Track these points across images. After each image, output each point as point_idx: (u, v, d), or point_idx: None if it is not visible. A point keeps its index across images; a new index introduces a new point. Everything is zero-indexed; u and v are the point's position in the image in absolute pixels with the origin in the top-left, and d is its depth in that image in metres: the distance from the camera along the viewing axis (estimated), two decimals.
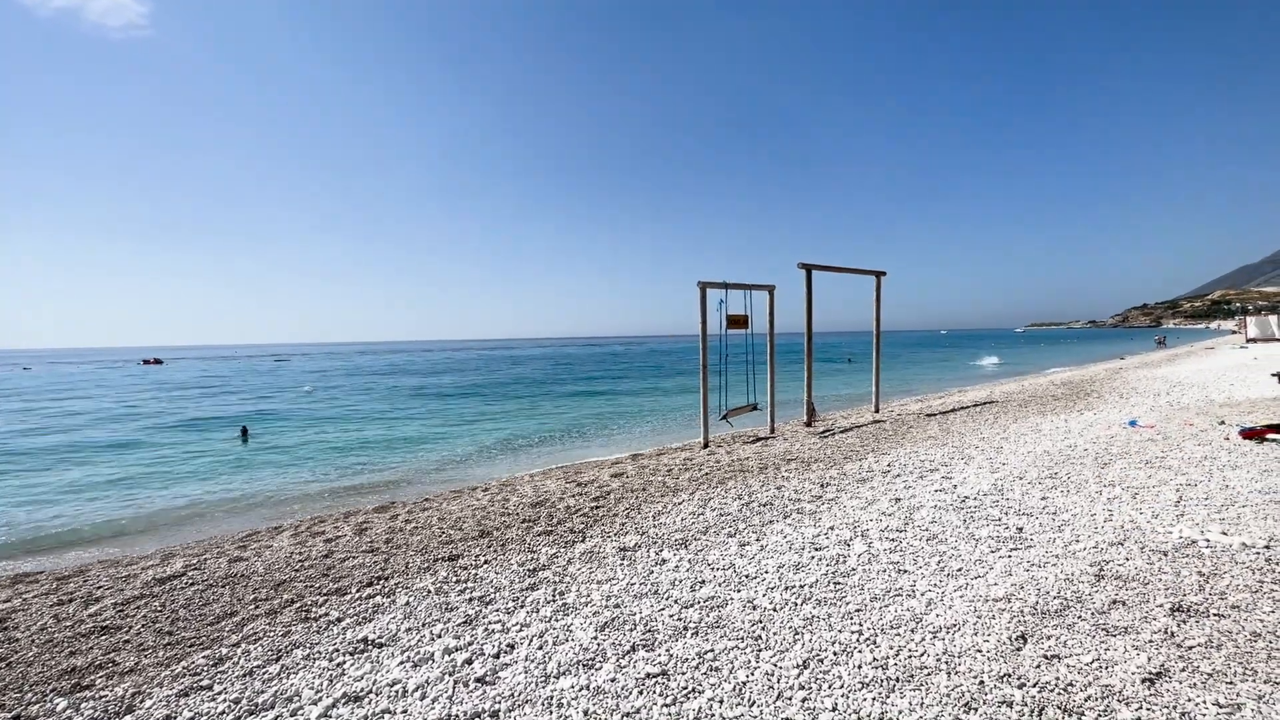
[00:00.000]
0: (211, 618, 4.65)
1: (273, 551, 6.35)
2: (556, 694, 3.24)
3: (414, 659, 3.75)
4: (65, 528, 9.00)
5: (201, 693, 3.54)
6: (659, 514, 6.73)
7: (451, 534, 6.50)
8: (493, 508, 7.60)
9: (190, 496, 10.73)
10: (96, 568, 6.33)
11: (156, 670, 3.86)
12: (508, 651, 3.77)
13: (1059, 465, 7.68)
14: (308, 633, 4.26)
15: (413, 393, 31.56)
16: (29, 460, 14.71)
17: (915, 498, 6.61)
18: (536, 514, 7.10)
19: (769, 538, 5.61)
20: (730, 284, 11.32)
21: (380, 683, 3.49)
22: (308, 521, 7.88)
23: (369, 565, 5.64)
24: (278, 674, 3.70)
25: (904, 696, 3.01)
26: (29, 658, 4.16)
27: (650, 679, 3.32)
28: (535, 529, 6.48)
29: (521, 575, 5.09)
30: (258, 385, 39.69)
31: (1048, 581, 4.21)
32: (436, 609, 4.51)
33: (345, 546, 6.32)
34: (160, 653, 4.11)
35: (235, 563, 6.02)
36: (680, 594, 4.45)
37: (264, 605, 4.82)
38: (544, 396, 27.76)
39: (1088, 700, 2.88)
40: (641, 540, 5.81)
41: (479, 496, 8.50)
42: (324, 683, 3.55)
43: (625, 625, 4.00)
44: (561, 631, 3.99)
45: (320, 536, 6.83)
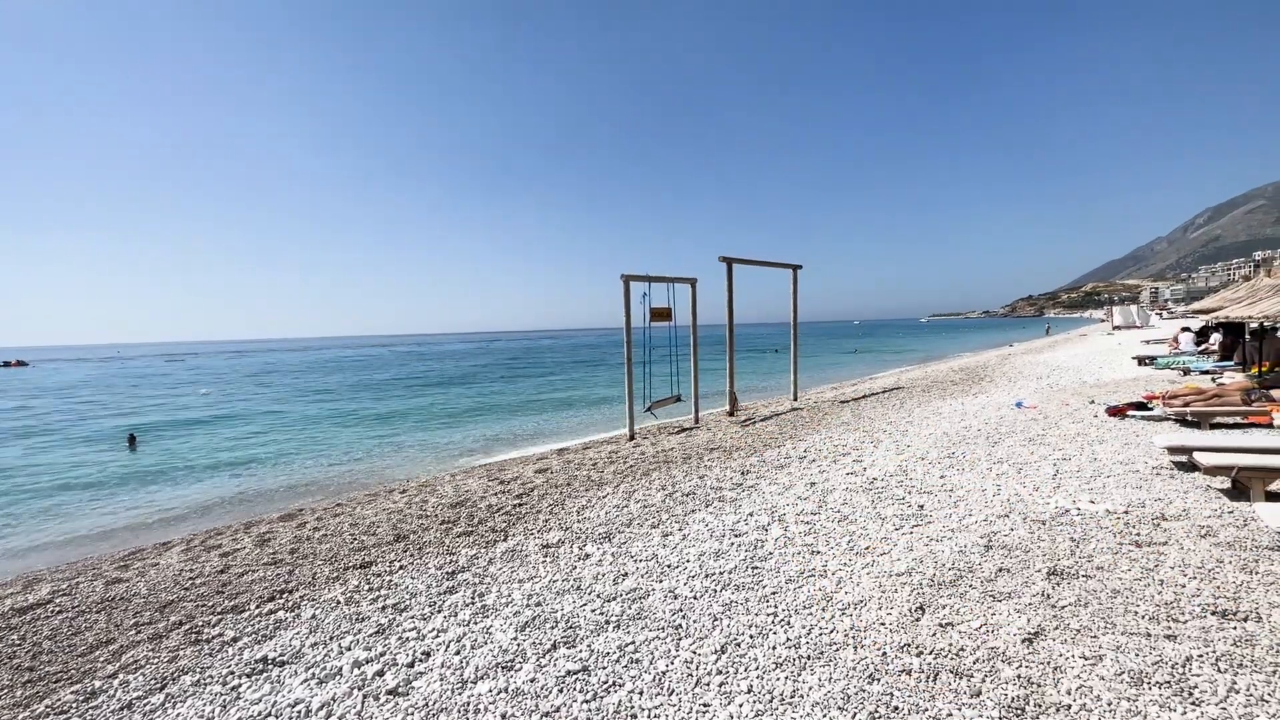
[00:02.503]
0: (83, 648, 4.20)
1: (159, 570, 5.81)
2: (474, 700, 3.15)
3: (319, 675, 3.54)
4: None
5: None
6: (583, 508, 6.70)
7: (364, 540, 6.19)
8: (410, 510, 7.30)
9: (64, 514, 9.64)
10: None
11: (12, 712, 3.43)
12: (423, 660, 3.63)
13: (956, 445, 8.28)
14: (198, 656, 3.92)
15: (323, 393, 29.80)
16: None
17: (829, 481, 6.92)
18: (457, 514, 6.88)
19: (691, 527, 5.71)
20: (653, 277, 11.40)
21: (280, 704, 3.27)
22: (202, 535, 7.26)
23: (271, 579, 5.27)
24: (161, 704, 3.38)
25: (814, 673, 3.14)
26: None
27: (570, 676, 3.29)
28: (455, 530, 6.28)
29: (439, 579, 4.92)
30: (147, 388, 36.19)
31: (944, 554, 4.52)
32: (346, 620, 4.28)
33: (244, 560, 5.87)
34: (18, 692, 3.66)
35: (113, 585, 5.45)
36: (603, 588, 4.44)
37: (146, 630, 4.40)
38: (466, 392, 26.98)
39: (975, 663, 3.11)
40: (565, 536, 5.76)
41: (396, 499, 8.15)
42: (215, 709, 3.28)
43: (546, 623, 3.94)
44: (481, 634, 3.88)
45: (216, 550, 6.32)
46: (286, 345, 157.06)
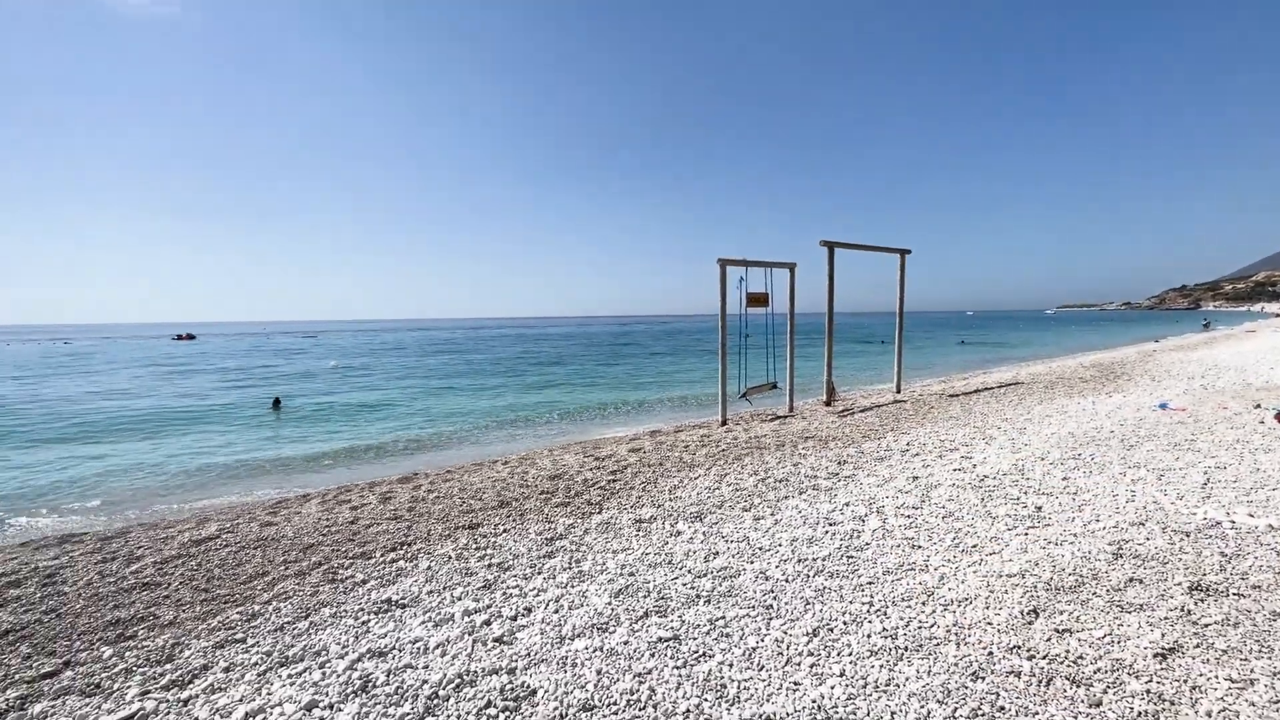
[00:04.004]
0: (244, 577, 4.87)
1: (301, 517, 6.59)
2: (571, 654, 3.35)
3: (435, 619, 3.89)
4: (105, 492, 9.42)
5: (236, 645, 3.74)
6: (675, 488, 6.81)
7: (472, 504, 6.67)
8: (512, 480, 7.76)
9: (224, 464, 11.13)
10: (137, 529, 6.63)
11: (194, 624, 4.07)
12: (525, 614, 3.89)
13: (1083, 446, 7.56)
14: (334, 593, 4.44)
15: (437, 368, 32.06)
16: (73, 429, 15.35)
17: (933, 476, 6.57)
18: (554, 486, 7.23)
19: (784, 513, 5.65)
20: (750, 261, 11.22)
21: (403, 640, 3.64)
22: (334, 490, 8.13)
23: (393, 531, 5.82)
24: (306, 630, 3.87)
25: (911, 665, 3.05)
26: (77, 609, 4.42)
27: (662, 643, 3.41)
28: (553, 500, 6.61)
29: (539, 544, 5.22)
30: (289, 360, 40.65)
31: (1064, 559, 4.19)
32: (457, 573, 4.66)
33: (370, 514, 6.52)
34: (197, 608, 4.33)
35: (266, 527, 6.26)
36: (693, 564, 4.52)
37: (293, 567, 5.03)
38: (565, 374, 27.98)
39: (1097, 672, 2.89)
40: (657, 513, 5.90)
41: (499, 469, 8.67)
42: (350, 639, 3.71)
43: (639, 592, 4.09)
44: (577, 597, 4.10)
45: (346, 504, 7.06)
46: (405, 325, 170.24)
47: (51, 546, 6.10)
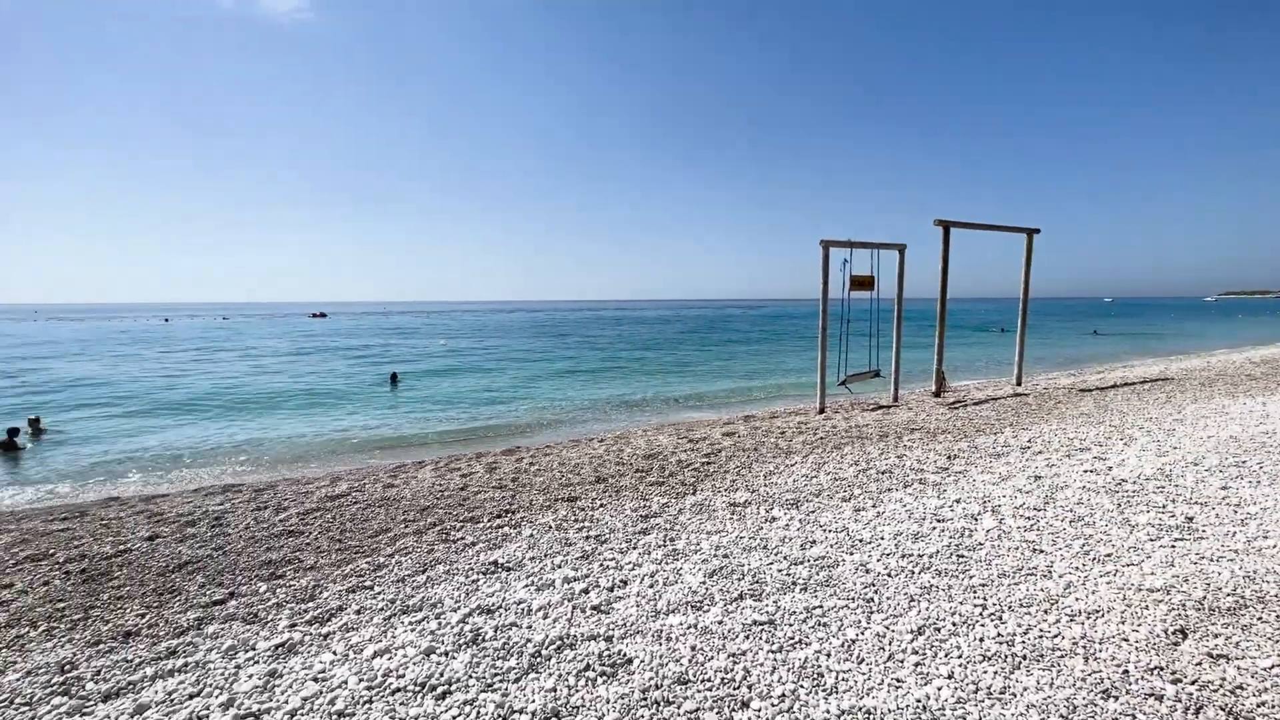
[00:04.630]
0: (370, 531, 5.38)
1: (417, 482, 7.15)
2: (666, 628, 3.42)
3: (537, 584, 4.11)
4: (258, 452, 10.72)
5: (365, 591, 4.15)
6: (770, 474, 6.70)
7: (570, 478, 6.93)
8: (608, 457, 7.97)
9: (351, 432, 12.29)
10: (283, 484, 7.50)
11: (331, 570, 4.56)
12: (621, 586, 4.01)
13: (1249, 453, 6.59)
14: (447, 552, 4.80)
15: (537, 348, 33.42)
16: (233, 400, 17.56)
17: (1060, 477, 6.01)
18: (649, 465, 7.35)
19: (886, 505, 5.41)
20: (856, 242, 10.69)
21: (508, 600, 3.88)
22: (445, 459, 8.75)
23: (498, 500, 6.19)
24: (424, 583, 4.22)
25: (1031, 674, 2.83)
26: (238, 548, 5.08)
27: (757, 626, 3.39)
28: (648, 479, 6.72)
29: (634, 520, 5.34)
30: (404, 338, 44.00)
31: (1221, 577, 3.70)
32: (557, 543, 4.88)
33: (477, 482, 6.96)
34: (333, 555, 4.84)
35: (388, 489, 6.86)
36: (790, 551, 4.45)
37: (411, 526, 5.48)
38: (659, 357, 28.21)
39: (1260, 706, 2.54)
40: (752, 498, 5.84)
41: (595, 446, 8.94)
42: (462, 595, 4.00)
43: (733, 574, 4.08)
44: (671, 574, 4.16)
45: (457, 472, 7.57)
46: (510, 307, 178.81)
47: (218, 494, 7.04)
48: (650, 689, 2.87)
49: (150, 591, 4.30)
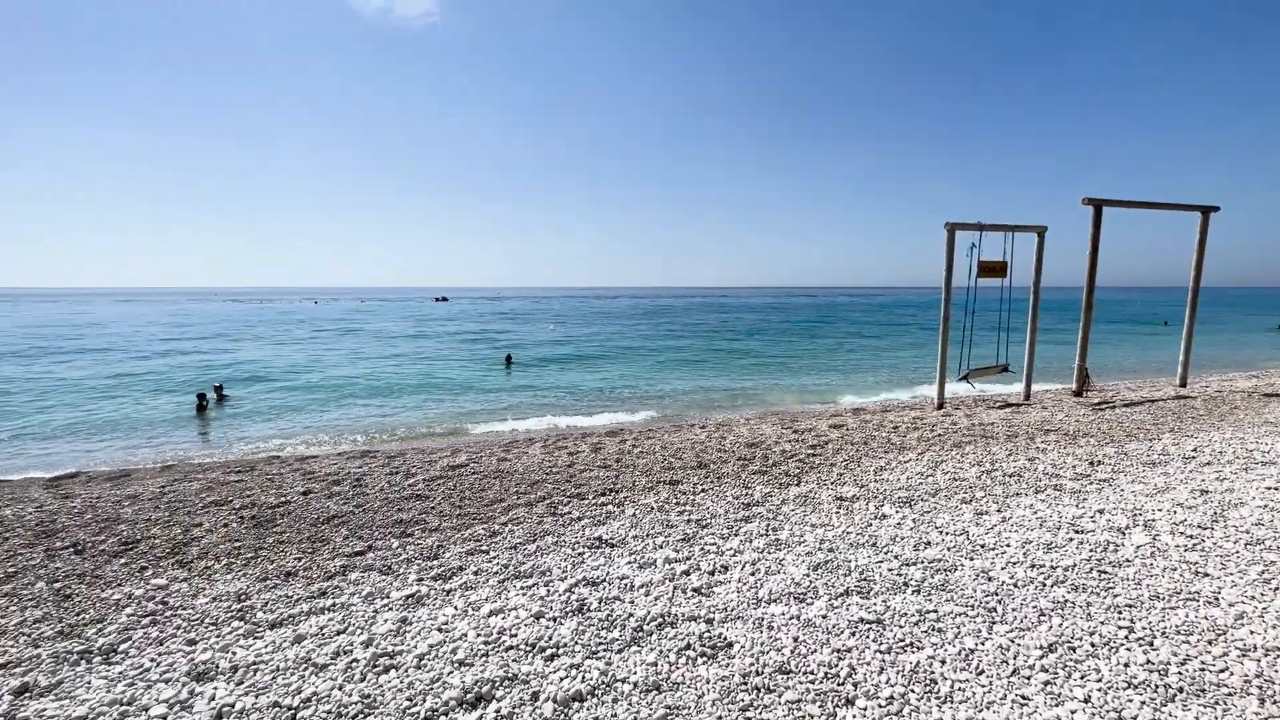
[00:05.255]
0: (486, 500, 5.77)
1: (528, 457, 7.55)
2: (767, 616, 3.39)
3: (639, 562, 4.21)
4: (388, 422, 11.81)
5: (481, 554, 4.47)
6: (881, 470, 6.39)
7: (672, 462, 7.01)
8: (710, 444, 7.96)
9: (470, 408, 13.19)
10: (411, 452, 8.22)
11: (452, 533, 4.95)
12: (722, 572, 4.02)
13: None
14: (555, 524, 5.05)
15: (643, 333, 33.95)
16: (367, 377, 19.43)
17: (1235, 493, 5.21)
18: (752, 454, 7.26)
19: (1014, 511, 4.98)
20: (986, 225, 9.80)
21: (612, 575, 4.02)
22: (554, 437, 9.16)
23: (602, 479, 6.39)
24: (534, 552, 4.47)
25: (1189, 710, 2.51)
26: (375, 507, 5.66)
27: (864, 624, 3.27)
28: (750, 468, 6.65)
29: (736, 507, 5.32)
30: (517, 321, 46.39)
31: None
32: (658, 524, 4.97)
33: (584, 461, 7.23)
34: (453, 519, 5.25)
35: (502, 462, 7.31)
36: (901, 551, 4.23)
37: (523, 498, 5.81)
38: (762, 345, 27.64)
39: None
40: (860, 493, 5.60)
41: (697, 432, 8.96)
42: (568, 566, 4.20)
43: (839, 570, 3.96)
44: (774, 563, 4.11)
45: (564, 450, 7.91)
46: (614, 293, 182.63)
47: (357, 458, 7.85)
48: (751, 674, 2.86)
49: (305, 539, 4.90)
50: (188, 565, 4.44)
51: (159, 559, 4.57)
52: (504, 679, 2.90)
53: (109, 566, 4.45)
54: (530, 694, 2.78)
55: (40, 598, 3.96)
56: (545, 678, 2.90)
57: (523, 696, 2.77)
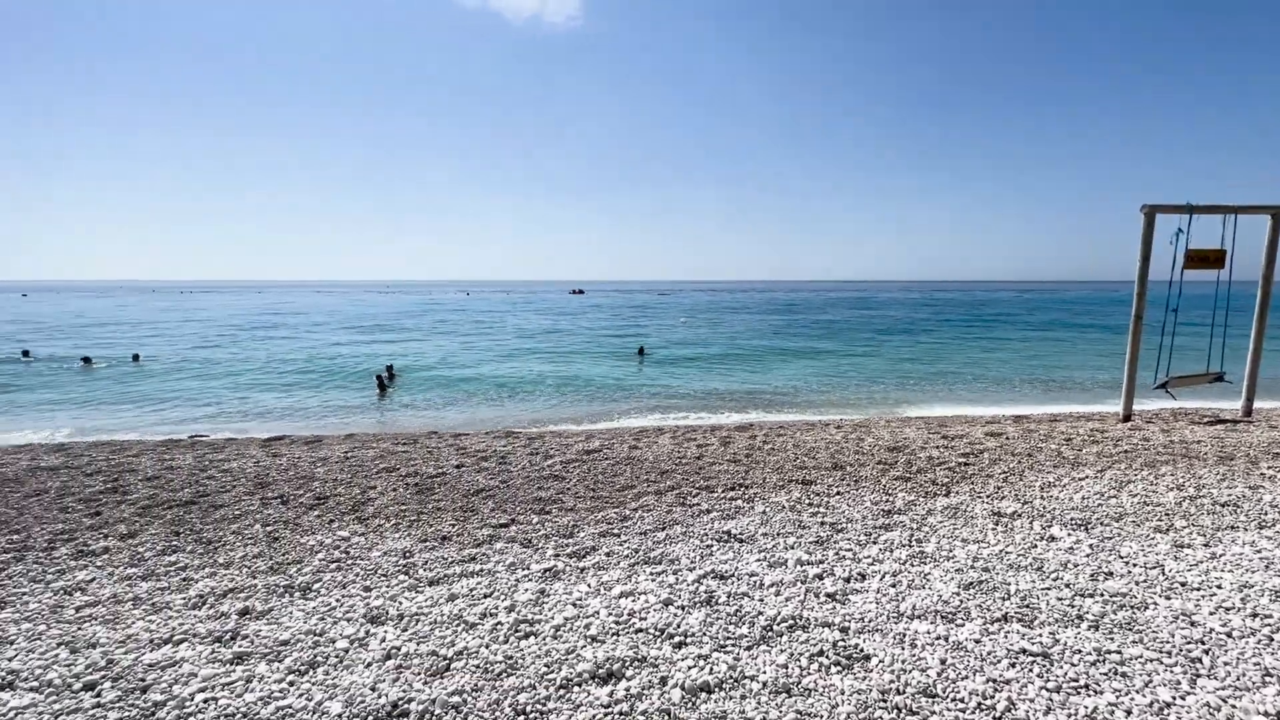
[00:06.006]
0: (618, 486, 5.95)
1: (658, 447, 7.68)
2: (910, 633, 3.15)
3: (769, 560, 4.11)
4: (528, 405, 12.62)
5: (613, 537, 4.62)
6: (1049, 486, 5.66)
7: (805, 461, 6.76)
8: (846, 444, 7.56)
9: (604, 396, 13.71)
10: (549, 435, 8.72)
11: (586, 514, 5.18)
12: (859, 580, 3.80)
13: None
14: (684, 515, 5.08)
15: (776, 328, 33.11)
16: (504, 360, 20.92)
17: None
18: (894, 459, 6.78)
19: (1228, 548, 4.17)
20: (1197, 207, 8.26)
21: (741, 570, 3.96)
22: (683, 429, 9.23)
23: (732, 473, 6.33)
24: (663, 540, 4.54)
25: None
26: (517, 484, 6.08)
27: (1025, 655, 2.92)
28: (891, 473, 6.22)
29: (875, 514, 5.00)
30: (649, 314, 47.39)
31: None
32: (790, 523, 4.82)
33: (712, 454, 7.21)
34: (587, 501, 5.49)
35: (633, 450, 7.50)
36: (1074, 579, 3.72)
37: (653, 486, 5.92)
38: (907, 343, 25.70)
39: None
40: (1022, 510, 5.01)
41: (832, 432, 8.55)
42: (697, 556, 4.21)
43: (995, 592, 3.57)
44: (918, 577, 3.81)
45: (693, 442, 7.94)
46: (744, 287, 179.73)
47: (502, 438, 8.49)
48: (890, 692, 2.68)
49: (458, 508, 5.39)
50: (365, 521, 5.08)
51: (343, 514, 5.27)
52: (634, 659, 2.98)
53: (306, 517, 5.21)
54: (659, 678, 2.83)
55: (257, 538, 4.74)
56: (674, 664, 2.93)
57: (651, 679, 2.82)
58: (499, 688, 2.80)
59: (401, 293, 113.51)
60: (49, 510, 5.40)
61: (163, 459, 7.36)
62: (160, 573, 4.10)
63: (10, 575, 4.08)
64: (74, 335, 29.59)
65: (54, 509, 5.43)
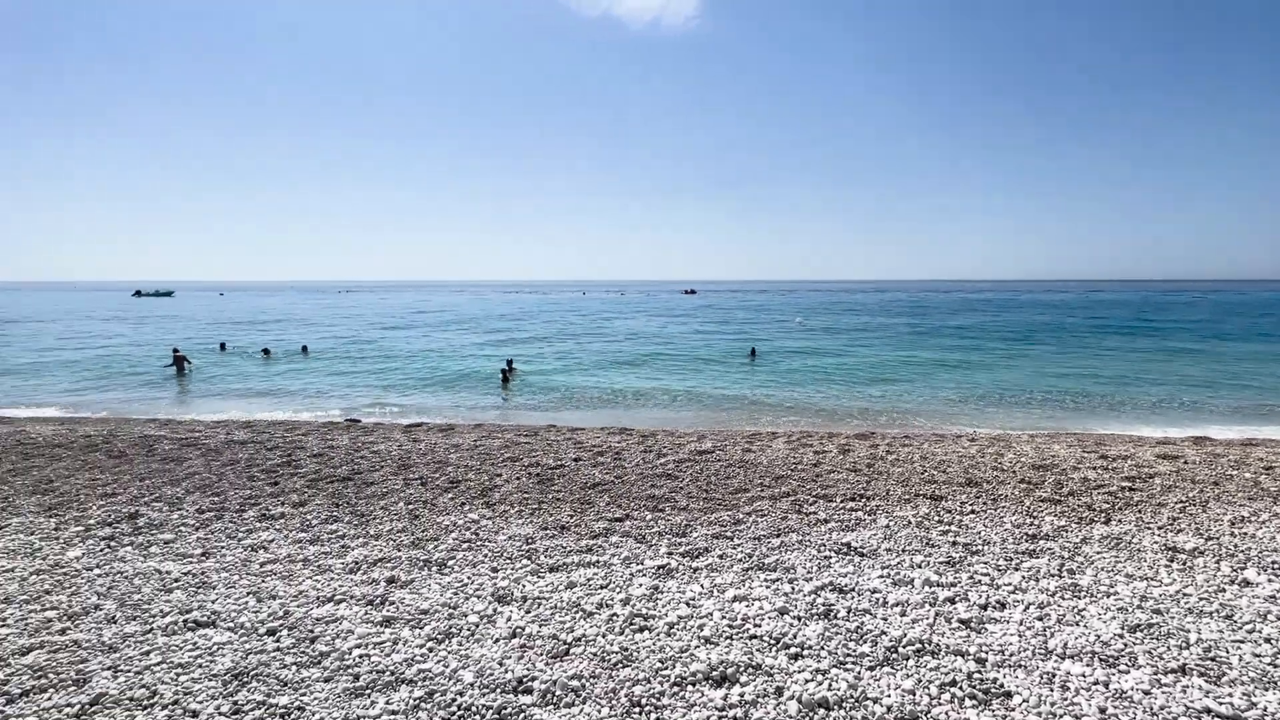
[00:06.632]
0: (731, 489, 5.90)
1: (772, 451, 7.51)
2: (1060, 674, 2.83)
3: (893, 577, 3.88)
4: (640, 403, 12.84)
5: (725, 540, 4.59)
6: (1240, 521, 4.84)
7: (934, 475, 6.29)
8: (983, 460, 6.94)
9: (714, 397, 13.64)
10: (661, 434, 8.82)
11: (698, 514, 5.18)
12: (997, 608, 3.48)
13: None
14: (800, 522, 4.93)
15: (895, 331, 31.15)
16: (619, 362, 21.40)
17: None
18: (1039, 478, 6.12)
19: None
20: None
21: (862, 585, 3.77)
22: (797, 434, 8.94)
23: (851, 482, 6.04)
24: (778, 546, 4.43)
25: None
26: (631, 480, 6.21)
27: (1213, 717, 2.52)
28: (1037, 494, 5.62)
29: (1017, 537, 4.55)
30: (761, 313, 46.45)
31: None
32: (917, 540, 4.51)
33: (830, 462, 6.92)
34: (700, 502, 5.49)
35: (746, 453, 7.39)
36: (1275, 633, 3.15)
37: (766, 491, 5.80)
38: (1052, 348, 23.04)
39: None
40: (1206, 546, 4.33)
41: (965, 445, 7.88)
42: (814, 567, 4.07)
43: (1170, 639, 3.11)
44: (1069, 612, 3.41)
45: (809, 449, 7.67)
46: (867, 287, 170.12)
47: (616, 434, 8.72)
48: None
49: (575, 499, 5.62)
50: (492, 506, 5.44)
51: (472, 498, 5.69)
52: (747, 665, 2.94)
53: (441, 498, 5.69)
54: (774, 688, 2.77)
55: (400, 514, 5.25)
56: (790, 675, 2.86)
57: (766, 688, 2.77)
58: (615, 677, 2.88)
59: (524, 292, 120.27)
60: (240, 478, 6.33)
61: (325, 439, 8.35)
62: (324, 539, 4.66)
63: (212, 531, 4.84)
64: (255, 329, 34.40)
65: (244, 477, 6.36)
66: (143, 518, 5.11)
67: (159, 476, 6.34)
